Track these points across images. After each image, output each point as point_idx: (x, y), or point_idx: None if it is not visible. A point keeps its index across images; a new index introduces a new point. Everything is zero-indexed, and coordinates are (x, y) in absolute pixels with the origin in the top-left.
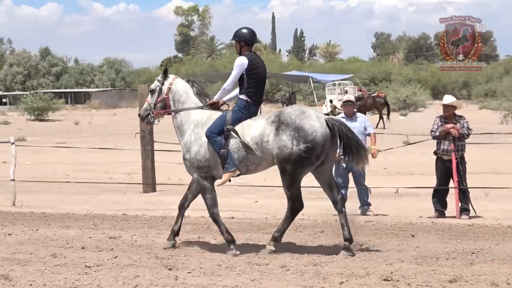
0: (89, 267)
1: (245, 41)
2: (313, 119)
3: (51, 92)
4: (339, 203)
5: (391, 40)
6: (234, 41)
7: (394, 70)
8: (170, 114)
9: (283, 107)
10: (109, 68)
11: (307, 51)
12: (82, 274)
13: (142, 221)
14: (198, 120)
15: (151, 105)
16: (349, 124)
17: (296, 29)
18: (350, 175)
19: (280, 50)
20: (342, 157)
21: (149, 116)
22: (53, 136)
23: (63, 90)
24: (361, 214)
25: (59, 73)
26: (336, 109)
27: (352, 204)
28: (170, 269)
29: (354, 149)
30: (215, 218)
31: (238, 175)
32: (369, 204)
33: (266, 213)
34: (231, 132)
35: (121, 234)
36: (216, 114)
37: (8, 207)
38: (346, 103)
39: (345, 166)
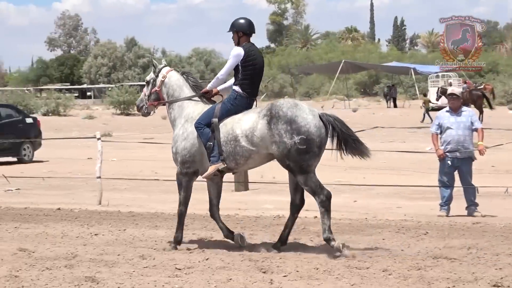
0: (180, 269)
1: (242, 31)
2: (306, 112)
3: (137, 84)
4: (296, 207)
5: (498, 28)
6: (231, 32)
7: (502, 61)
8: (164, 105)
9: (386, 100)
10: (198, 60)
11: (407, 41)
12: (172, 277)
13: (234, 221)
14: (189, 115)
15: (146, 96)
16: (455, 118)
17: (396, 17)
18: (456, 174)
19: (379, 39)
20: (447, 154)
21: (143, 107)
22: (140, 131)
23: None
24: (468, 215)
25: (146, 65)
26: (430, 103)
27: (459, 204)
28: (264, 272)
29: (352, 143)
30: (181, 214)
31: (230, 171)
32: (477, 205)
33: (365, 214)
34: (217, 125)
35: (213, 234)
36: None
37: (94, 206)
38: (450, 96)
39: (450, 164)
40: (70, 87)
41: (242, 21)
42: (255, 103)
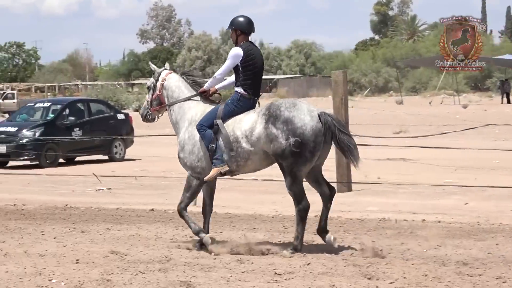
0: (279, 274)
1: (241, 29)
2: (304, 112)
3: None
4: (327, 197)
5: None
6: (230, 30)
7: None
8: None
9: (501, 95)
10: (297, 52)
11: None
12: (272, 282)
13: (337, 224)
14: (192, 117)
15: (148, 102)
16: None
17: (509, 7)
18: None
19: (491, 31)
20: None
21: (148, 114)
22: None
23: None
24: None
25: None
26: None
27: None
28: (369, 279)
29: (346, 146)
30: (181, 214)
31: (231, 173)
32: None
33: (477, 217)
34: (220, 126)
35: (314, 238)
36: (210, 109)
37: (190, 207)
38: None
39: None
40: None
41: (241, 19)
42: (258, 103)
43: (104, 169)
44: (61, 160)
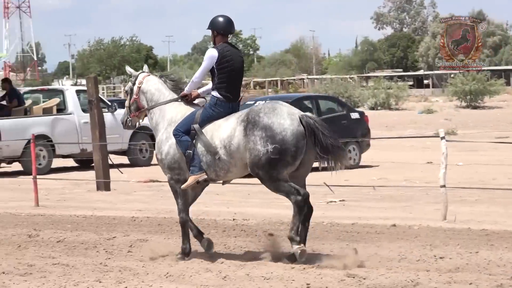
0: None
1: (217, 30)
2: (283, 117)
3: (488, 70)
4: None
5: None
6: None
7: None
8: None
9: None
10: None
11: None
12: None
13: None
14: (172, 118)
15: (127, 108)
16: None
17: None
18: None
19: None
20: None
21: (127, 120)
22: (491, 128)
23: (502, 68)
24: None
25: (498, 45)
26: None
27: None
28: None
29: (331, 148)
30: (183, 223)
31: (209, 180)
32: None
33: None
34: (198, 132)
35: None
36: (191, 111)
37: (438, 222)
38: None
39: None
40: (403, 74)
41: (220, 19)
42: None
43: (336, 177)
44: None
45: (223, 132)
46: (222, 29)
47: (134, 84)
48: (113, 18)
